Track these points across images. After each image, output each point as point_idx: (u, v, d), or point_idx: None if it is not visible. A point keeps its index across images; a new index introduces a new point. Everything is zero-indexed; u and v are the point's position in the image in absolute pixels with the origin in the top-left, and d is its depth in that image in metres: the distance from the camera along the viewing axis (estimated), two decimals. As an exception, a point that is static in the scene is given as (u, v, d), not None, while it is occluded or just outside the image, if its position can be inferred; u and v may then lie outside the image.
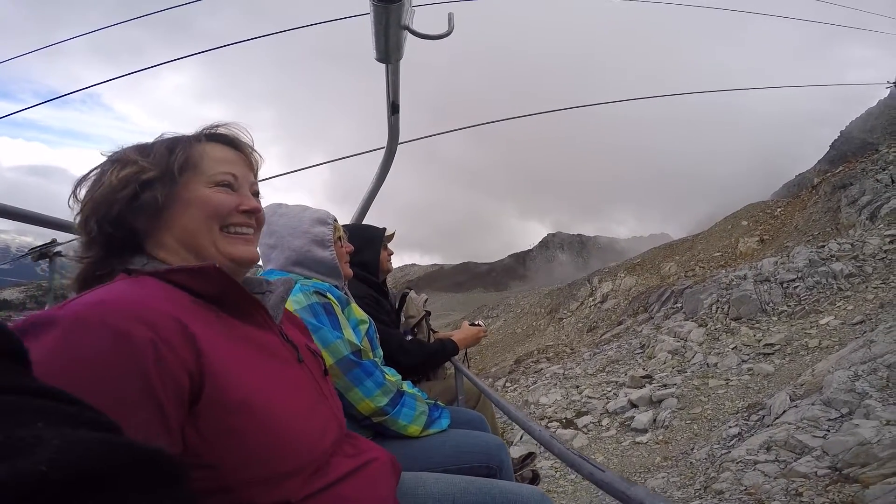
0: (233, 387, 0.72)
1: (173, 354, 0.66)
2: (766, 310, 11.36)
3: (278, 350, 0.89)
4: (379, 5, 1.15)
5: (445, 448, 1.57)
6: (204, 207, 0.88)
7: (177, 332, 0.68)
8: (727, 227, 20.02)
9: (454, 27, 1.32)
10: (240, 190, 0.94)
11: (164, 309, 0.70)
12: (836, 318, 9.73)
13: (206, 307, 0.80)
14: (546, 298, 25.50)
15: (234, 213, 0.91)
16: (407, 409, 1.57)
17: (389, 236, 2.51)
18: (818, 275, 11.36)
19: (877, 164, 14.72)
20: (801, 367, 8.17)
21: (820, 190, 16.30)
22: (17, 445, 0.28)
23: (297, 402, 0.85)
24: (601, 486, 0.83)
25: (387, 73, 1.57)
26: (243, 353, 0.80)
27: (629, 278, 21.72)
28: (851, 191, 14.61)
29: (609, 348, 14.50)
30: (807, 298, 10.98)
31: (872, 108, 15.88)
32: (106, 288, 0.73)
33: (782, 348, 9.32)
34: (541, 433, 1.16)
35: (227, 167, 0.93)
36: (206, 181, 0.90)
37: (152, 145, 0.91)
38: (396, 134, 2.04)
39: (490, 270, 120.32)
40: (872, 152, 15.26)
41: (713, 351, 10.44)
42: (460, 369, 2.35)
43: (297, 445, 0.79)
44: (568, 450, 1.00)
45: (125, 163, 0.85)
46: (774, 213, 18.44)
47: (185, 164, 0.88)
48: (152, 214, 0.85)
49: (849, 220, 14.15)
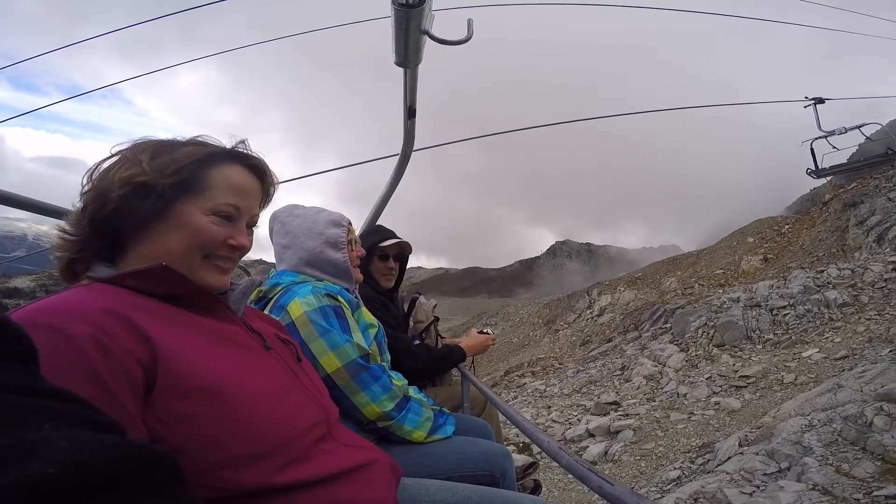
0: (190, 372, 0.73)
1: (119, 346, 0.66)
2: (752, 337, 10.68)
3: (242, 339, 0.89)
4: (400, 9, 1.15)
5: (449, 455, 1.55)
6: (194, 236, 0.85)
7: (121, 325, 0.69)
8: (732, 244, 19.06)
9: (473, 33, 1.32)
10: (237, 222, 0.91)
11: (107, 306, 0.70)
12: (821, 350, 9.03)
13: (160, 305, 0.79)
14: (545, 309, 24.94)
15: (221, 246, 0.88)
16: (412, 415, 1.56)
17: (388, 246, 2.33)
18: (811, 302, 10.61)
19: (891, 180, 13.68)
20: (768, 406, 7.59)
21: (830, 207, 15.29)
22: (25, 448, 0.29)
23: (263, 385, 0.83)
24: (610, 500, 0.81)
25: (405, 78, 1.57)
26: (201, 341, 0.80)
27: (628, 292, 21.03)
28: (861, 210, 13.62)
29: (594, 366, 14.01)
30: (795, 327, 10.25)
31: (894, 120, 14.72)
32: (55, 296, 0.73)
33: (757, 381, 8.71)
34: (549, 444, 1.15)
35: (235, 198, 0.89)
36: (206, 207, 0.86)
37: (174, 148, 0.87)
38: (412, 138, 2.05)
39: (496, 276, 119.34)
40: (889, 168, 14.20)
41: (687, 379, 9.87)
42: (467, 376, 2.32)
43: (265, 427, 0.78)
44: (577, 462, 0.98)
45: (132, 162, 0.83)
46: (782, 230, 17.42)
47: (188, 183, 0.85)
48: (138, 223, 0.83)
49: (855, 241, 13.20)
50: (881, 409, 4.93)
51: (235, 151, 0.93)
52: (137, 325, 0.70)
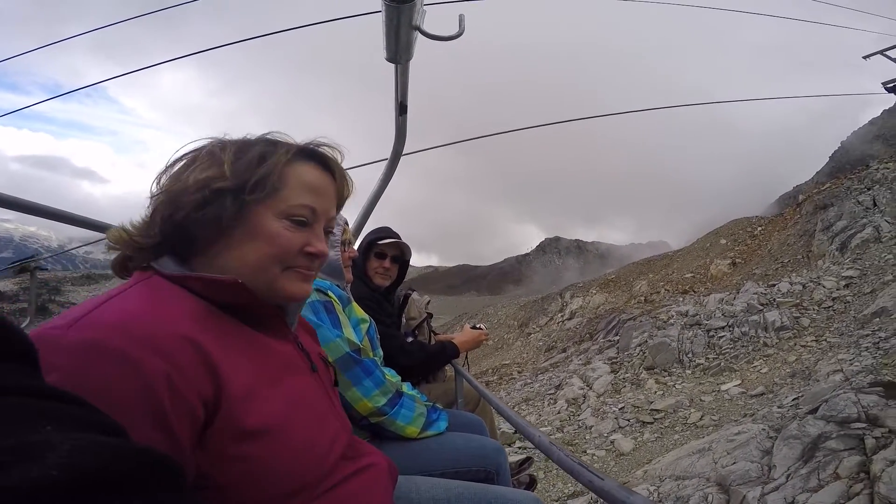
0: (249, 413, 0.68)
1: (188, 385, 0.62)
2: (684, 361, 9.86)
3: (293, 360, 0.85)
4: (391, 5, 1.14)
5: (443, 451, 1.55)
6: (270, 244, 0.78)
7: (194, 359, 0.64)
8: (706, 245, 17.83)
9: (465, 29, 1.31)
10: (314, 226, 0.84)
11: (182, 331, 0.65)
12: (742, 384, 8.19)
13: (221, 317, 0.74)
14: (521, 311, 24.22)
15: (298, 255, 0.81)
16: (405, 411, 1.55)
17: (386, 245, 2.30)
18: (749, 324, 9.69)
19: (863, 181, 12.38)
20: (657, 451, 6.89)
21: (803, 209, 14.00)
22: (27, 450, 0.29)
23: (309, 417, 0.80)
24: (600, 494, 0.83)
25: (396, 74, 1.55)
26: (262, 372, 0.75)
27: (599, 295, 20.15)
28: (829, 213, 12.38)
29: (539, 380, 13.39)
30: (728, 352, 9.38)
31: (876, 117, 13.24)
32: (121, 300, 0.66)
33: (663, 418, 7.96)
34: (540, 439, 1.17)
35: (309, 198, 0.82)
36: (280, 211, 0.79)
37: (248, 147, 0.81)
38: (403, 135, 2.03)
39: (486, 273, 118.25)
40: (863, 168, 12.82)
41: (602, 408, 9.16)
42: (461, 372, 2.31)
43: (309, 461, 0.76)
44: (567, 456, 1.00)
45: (212, 161, 0.77)
46: (755, 231, 16.12)
47: (263, 184, 0.78)
48: (212, 229, 0.76)
49: (820, 248, 12.03)
50: (705, 498, 4.21)
51: (310, 148, 0.86)
52: (209, 357, 0.66)
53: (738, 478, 4.21)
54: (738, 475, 4.24)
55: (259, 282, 0.78)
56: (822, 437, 3.98)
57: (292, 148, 0.83)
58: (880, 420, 3.88)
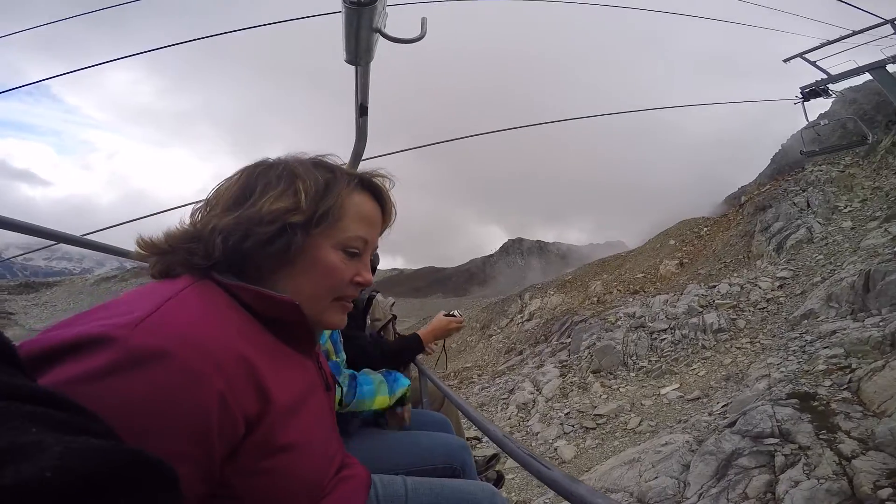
0: (283, 429, 0.68)
1: (238, 405, 0.61)
2: (628, 364, 9.97)
3: (314, 378, 0.85)
4: (351, 7, 1.11)
5: (409, 449, 1.55)
6: (327, 276, 0.78)
7: (247, 380, 0.63)
8: (657, 246, 18.29)
9: (427, 32, 1.32)
10: (362, 256, 0.83)
11: (239, 348, 0.64)
12: (680, 387, 8.33)
13: (264, 331, 0.73)
14: (483, 313, 24.17)
15: (349, 285, 0.81)
16: (365, 386, 1.57)
17: None
18: (689, 326, 9.88)
19: (799, 183, 12.93)
20: (596, 460, 6.87)
21: (745, 210, 14.54)
22: (19, 451, 0.29)
23: (322, 433, 0.82)
24: (547, 483, 0.87)
25: (356, 76, 1.50)
26: (299, 387, 0.75)
27: (557, 296, 20.32)
28: (767, 215, 12.87)
29: (499, 382, 13.30)
30: (669, 354, 9.53)
31: (814, 119, 13.92)
32: (180, 305, 0.63)
33: (605, 423, 7.99)
34: (495, 432, 1.24)
35: (364, 230, 0.81)
36: (337, 242, 0.78)
37: (313, 174, 0.77)
38: (364, 136, 2.01)
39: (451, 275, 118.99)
40: (800, 170, 13.41)
41: (549, 413, 9.14)
42: (424, 372, 2.35)
43: (320, 474, 0.79)
44: (519, 448, 1.06)
45: (286, 190, 0.74)
46: (701, 232, 16.66)
47: (327, 215, 0.76)
48: (279, 262, 0.75)
49: (759, 249, 12.49)
50: (623, 517, 4.12)
51: (368, 178, 0.84)
52: (259, 375, 0.64)
53: (655, 495, 4.15)
54: (657, 492, 4.18)
55: (311, 310, 0.77)
56: (736, 453, 3.95)
57: (353, 178, 0.82)
58: (792, 435, 3.89)
